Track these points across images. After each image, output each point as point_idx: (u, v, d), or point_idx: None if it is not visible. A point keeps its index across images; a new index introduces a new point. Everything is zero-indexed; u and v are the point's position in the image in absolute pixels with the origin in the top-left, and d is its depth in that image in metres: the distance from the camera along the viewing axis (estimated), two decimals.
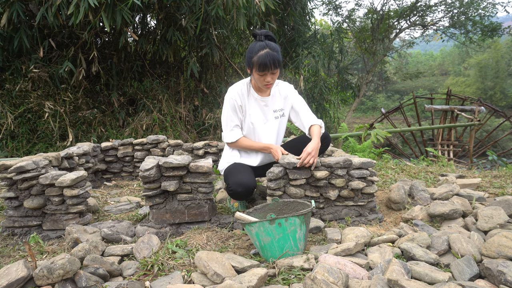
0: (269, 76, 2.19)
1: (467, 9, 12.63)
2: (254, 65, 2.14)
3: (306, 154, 2.09)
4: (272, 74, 2.19)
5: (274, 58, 2.12)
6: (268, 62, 2.11)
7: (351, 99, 12.43)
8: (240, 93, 2.31)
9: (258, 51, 2.13)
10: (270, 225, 1.63)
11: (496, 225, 1.86)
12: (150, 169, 2.00)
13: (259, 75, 2.18)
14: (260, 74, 2.17)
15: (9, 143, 4.94)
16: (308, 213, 1.71)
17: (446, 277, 1.39)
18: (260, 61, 2.11)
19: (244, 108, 2.34)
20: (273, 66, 2.13)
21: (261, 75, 2.18)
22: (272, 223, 1.64)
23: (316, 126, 2.31)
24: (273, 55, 2.12)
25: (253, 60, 2.14)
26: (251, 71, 2.21)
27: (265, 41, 2.17)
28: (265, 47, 2.13)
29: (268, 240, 1.65)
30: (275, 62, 2.13)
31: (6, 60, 5.12)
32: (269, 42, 2.17)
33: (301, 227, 1.68)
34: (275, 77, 2.23)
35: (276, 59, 2.14)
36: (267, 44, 2.15)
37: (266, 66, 2.12)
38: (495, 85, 25.05)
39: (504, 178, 3.18)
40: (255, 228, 1.66)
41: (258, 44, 2.15)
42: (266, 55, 2.11)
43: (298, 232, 1.67)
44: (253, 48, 2.17)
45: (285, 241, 1.65)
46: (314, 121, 2.35)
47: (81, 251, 1.64)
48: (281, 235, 1.64)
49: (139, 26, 6.27)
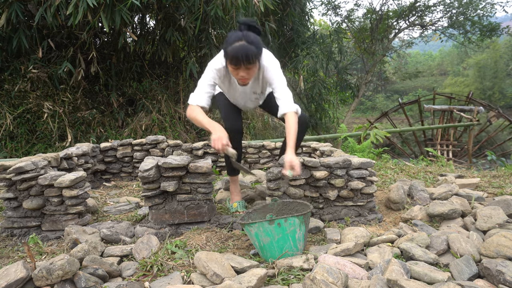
0: (244, 71, 1.98)
1: (466, 9, 12.64)
2: (227, 57, 1.95)
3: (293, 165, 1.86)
4: (246, 69, 1.98)
5: (248, 52, 1.89)
6: (240, 56, 1.89)
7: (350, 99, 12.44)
8: (221, 74, 2.15)
9: (233, 42, 1.93)
10: (270, 226, 1.63)
11: (495, 225, 1.86)
12: (149, 169, 2.00)
13: (232, 68, 1.99)
14: (233, 68, 1.98)
15: (8, 144, 4.93)
16: (307, 213, 1.71)
17: (445, 277, 1.39)
18: (232, 54, 1.91)
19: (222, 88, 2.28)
20: (245, 61, 1.91)
21: (234, 69, 1.99)
22: (272, 223, 1.63)
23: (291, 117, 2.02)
24: (247, 48, 1.89)
25: (227, 51, 1.94)
26: (225, 61, 2.01)
27: (244, 31, 1.96)
28: (242, 39, 1.92)
29: (268, 241, 1.65)
30: (249, 57, 1.90)
31: (5, 61, 5.11)
32: (248, 33, 1.95)
33: (301, 227, 1.68)
34: (251, 72, 2.01)
35: (251, 54, 1.90)
36: (245, 35, 1.94)
37: (237, 60, 1.91)
38: (494, 85, 25.08)
39: (503, 178, 3.18)
40: (254, 229, 1.66)
41: (235, 34, 1.96)
42: (239, 48, 1.89)
43: (297, 232, 1.67)
44: (229, 37, 1.97)
45: (284, 241, 1.65)
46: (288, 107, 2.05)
47: (80, 251, 1.64)
48: (280, 235, 1.64)
49: (138, 27, 6.27)
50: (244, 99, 2.33)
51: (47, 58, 5.32)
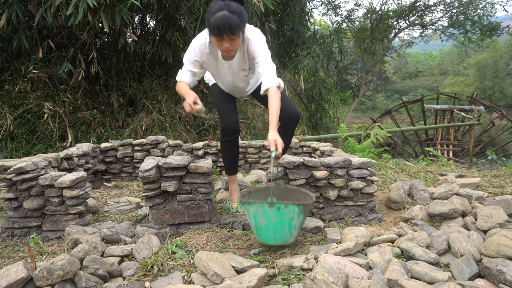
0: (227, 41, 1.94)
1: (466, 9, 12.63)
2: (210, 27, 1.93)
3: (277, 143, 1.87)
4: (230, 40, 1.93)
5: (230, 22, 1.86)
6: (222, 26, 1.86)
7: (350, 99, 12.44)
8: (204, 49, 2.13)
9: (215, 12, 1.90)
10: (269, 208, 1.67)
11: (496, 225, 1.86)
12: (150, 169, 2.00)
13: (215, 39, 1.95)
14: (216, 39, 1.94)
15: (9, 144, 4.93)
16: (308, 204, 1.73)
17: (446, 277, 1.39)
18: (214, 24, 1.88)
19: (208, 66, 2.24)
20: (228, 31, 1.88)
21: (217, 40, 1.95)
22: (272, 206, 1.67)
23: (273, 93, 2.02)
24: (229, 18, 1.87)
25: (210, 22, 1.92)
26: (208, 33, 2.01)
27: (226, 1, 1.92)
28: (223, 9, 1.89)
29: (265, 222, 1.68)
30: (231, 27, 1.87)
31: (5, 61, 5.11)
32: (230, 2, 1.92)
33: (299, 216, 1.70)
34: (235, 43, 1.98)
35: (233, 24, 1.87)
36: (227, 5, 1.90)
37: (219, 30, 1.88)
38: (494, 84, 25.06)
39: (503, 177, 3.18)
40: (253, 208, 1.68)
41: (217, 4, 1.92)
42: (221, 18, 1.87)
43: (295, 220, 1.70)
44: (212, 7, 1.95)
45: (281, 226, 1.68)
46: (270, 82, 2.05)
47: (81, 251, 1.64)
48: (278, 219, 1.67)
49: (138, 27, 6.27)
50: (233, 78, 2.29)
51: (47, 59, 5.32)
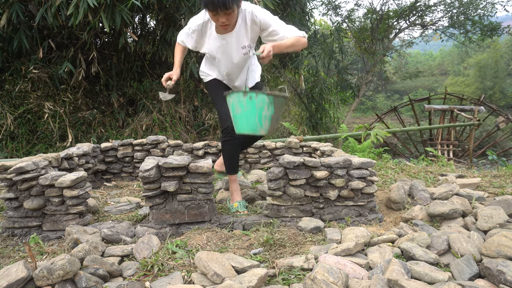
0: (223, 16, 2.00)
1: (467, 9, 12.62)
2: (204, 2, 1.97)
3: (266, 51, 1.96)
4: (225, 15, 1.99)
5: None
6: (216, 1, 1.91)
7: (350, 99, 12.44)
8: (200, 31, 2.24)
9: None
10: (243, 97, 1.86)
11: (496, 225, 1.86)
12: (150, 169, 2.01)
13: (211, 14, 2.01)
14: (212, 14, 2.00)
15: (9, 144, 4.94)
16: (279, 97, 1.91)
17: (446, 277, 1.39)
18: None
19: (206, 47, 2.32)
20: (222, 6, 1.92)
21: (213, 15, 2.01)
22: (245, 95, 1.86)
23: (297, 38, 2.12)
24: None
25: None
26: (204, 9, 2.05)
27: None
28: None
29: (239, 111, 1.89)
30: (225, 2, 1.91)
31: (5, 61, 5.12)
32: None
33: (269, 107, 1.87)
34: (231, 18, 2.03)
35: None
36: None
37: (214, 5, 1.93)
38: (494, 84, 25.04)
39: (503, 177, 3.18)
40: (232, 98, 1.91)
41: None
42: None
43: (264, 110, 1.86)
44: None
45: (251, 114, 1.87)
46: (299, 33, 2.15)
47: (81, 251, 1.64)
48: (250, 107, 1.86)
49: (138, 27, 6.27)
50: (231, 55, 2.30)
51: (47, 59, 5.32)
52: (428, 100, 11.20)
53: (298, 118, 9.60)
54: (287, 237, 1.92)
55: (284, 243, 1.85)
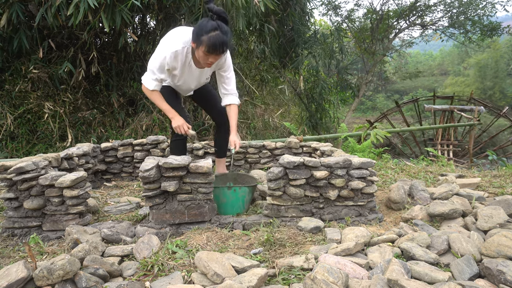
0: (214, 58, 2.21)
1: (467, 9, 12.62)
2: (203, 44, 2.12)
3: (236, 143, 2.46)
4: (217, 57, 2.21)
5: (224, 42, 2.12)
6: (218, 45, 2.10)
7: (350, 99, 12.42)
8: (179, 56, 2.30)
9: (209, 31, 2.10)
10: (228, 190, 2.27)
11: (496, 225, 1.86)
12: (150, 169, 2.01)
13: (205, 54, 2.17)
14: (206, 54, 2.16)
15: (9, 144, 4.93)
16: (255, 185, 2.43)
17: (446, 277, 1.39)
18: (210, 43, 2.10)
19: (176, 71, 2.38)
20: (221, 50, 2.14)
21: (206, 55, 2.17)
22: (229, 189, 2.28)
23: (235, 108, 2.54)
24: (223, 39, 2.11)
25: (203, 39, 2.11)
26: (197, 46, 2.18)
27: (217, 21, 2.12)
28: (217, 28, 2.10)
29: (225, 201, 2.29)
30: (223, 47, 2.13)
31: (5, 61, 5.11)
32: (221, 23, 2.12)
33: (249, 194, 2.35)
34: (219, 59, 2.29)
35: (225, 44, 2.14)
36: (219, 25, 2.11)
37: (215, 49, 2.12)
38: (495, 84, 25.04)
39: (503, 177, 3.18)
40: (217, 191, 2.26)
41: (210, 23, 2.11)
42: (217, 38, 2.09)
43: (246, 197, 2.33)
44: (205, 26, 2.12)
45: (236, 202, 2.30)
46: (236, 100, 2.56)
47: (81, 251, 1.64)
48: (234, 198, 2.29)
49: (138, 27, 6.27)
50: (194, 82, 2.56)
51: (47, 58, 5.32)
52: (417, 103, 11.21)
53: (298, 118, 9.59)
54: (287, 237, 1.92)
55: (284, 243, 1.85)
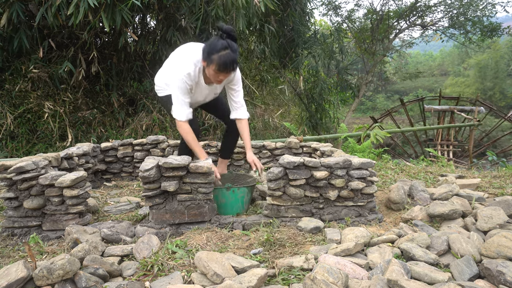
0: (224, 76, 2.27)
1: (467, 10, 12.62)
2: (214, 62, 2.19)
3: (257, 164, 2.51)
4: (228, 74, 2.27)
5: (233, 60, 2.19)
6: (228, 64, 2.18)
7: (350, 99, 12.42)
8: (192, 77, 2.35)
9: (220, 49, 2.17)
10: (227, 191, 2.27)
11: (496, 225, 1.86)
12: (150, 169, 2.00)
13: (215, 72, 2.23)
14: (217, 72, 2.23)
15: (9, 144, 4.93)
16: (254, 185, 2.43)
17: (446, 277, 1.39)
18: (221, 61, 2.17)
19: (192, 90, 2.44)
20: (231, 68, 2.21)
21: (217, 73, 2.23)
22: (228, 190, 2.28)
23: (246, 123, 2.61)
24: (233, 57, 2.18)
25: (213, 58, 2.18)
26: (207, 64, 2.24)
27: (226, 40, 2.19)
28: (227, 47, 2.17)
29: (224, 201, 2.29)
30: (234, 65, 2.21)
31: (5, 61, 5.11)
32: (230, 42, 2.19)
33: (248, 194, 2.35)
34: (229, 76, 2.33)
35: (235, 62, 2.22)
36: (229, 44, 2.18)
37: (226, 68, 2.19)
38: (495, 85, 25.03)
39: (503, 178, 3.18)
40: (216, 192, 2.26)
41: (220, 42, 2.18)
42: (227, 57, 2.16)
43: (245, 197, 2.34)
44: (215, 45, 2.19)
45: (235, 202, 2.30)
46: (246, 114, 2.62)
47: (81, 251, 1.64)
48: (233, 199, 2.29)
49: (138, 27, 6.27)
50: (204, 97, 2.60)
51: (47, 58, 5.32)
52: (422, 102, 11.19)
53: (298, 118, 9.59)
54: (287, 237, 1.92)
55: (284, 243, 1.85)
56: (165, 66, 2.59)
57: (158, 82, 2.62)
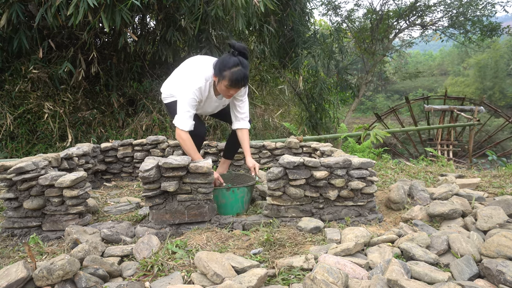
0: (235, 90, 2.34)
1: (466, 10, 12.62)
2: (225, 78, 2.26)
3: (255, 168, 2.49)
4: (238, 89, 2.34)
5: (245, 76, 2.27)
6: (240, 80, 2.25)
7: (350, 99, 12.42)
8: (203, 91, 2.40)
9: (232, 66, 2.24)
10: (227, 192, 2.28)
11: (496, 225, 1.86)
12: (150, 169, 2.01)
13: (227, 88, 2.30)
14: (228, 88, 2.30)
15: (9, 144, 4.93)
16: (253, 185, 2.43)
17: (446, 277, 1.39)
18: (233, 78, 2.24)
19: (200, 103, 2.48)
20: (242, 84, 2.29)
21: (228, 89, 2.31)
22: (228, 190, 2.28)
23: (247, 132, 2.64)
24: (245, 73, 2.26)
25: (225, 74, 2.26)
26: (219, 80, 2.31)
27: (238, 57, 2.26)
28: (239, 64, 2.25)
29: (224, 202, 2.29)
30: (244, 81, 2.29)
31: (5, 61, 5.11)
32: (242, 59, 2.27)
33: (247, 194, 2.36)
34: (239, 90, 2.40)
35: (246, 78, 2.29)
36: (241, 61, 2.26)
37: (238, 83, 2.27)
38: (494, 85, 25.04)
39: (503, 178, 3.18)
40: (216, 192, 2.26)
41: (232, 59, 2.25)
42: (239, 73, 2.24)
43: (245, 197, 2.34)
44: (227, 61, 2.26)
45: (235, 202, 2.31)
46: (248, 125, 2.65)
47: (81, 251, 1.64)
48: (233, 199, 2.30)
49: (138, 27, 6.27)
50: (213, 109, 2.67)
51: (47, 59, 5.32)
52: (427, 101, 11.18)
53: (298, 118, 9.59)
54: (287, 237, 1.92)
55: (284, 243, 1.85)
56: (173, 77, 2.61)
57: (165, 91, 2.63)
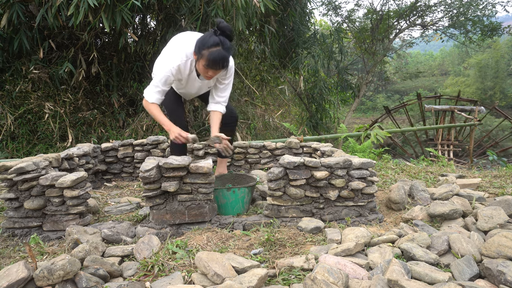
0: (214, 72, 2.23)
1: (467, 10, 12.61)
2: (203, 57, 2.15)
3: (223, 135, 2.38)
4: (217, 71, 2.23)
5: (224, 58, 2.14)
6: (219, 61, 2.14)
7: (351, 99, 12.41)
8: (182, 69, 2.33)
9: (211, 46, 2.12)
10: (227, 192, 2.27)
11: (496, 225, 1.86)
12: (150, 169, 2.01)
13: (204, 68, 2.20)
14: (206, 68, 2.19)
15: (9, 144, 4.94)
16: (254, 185, 2.40)
17: (446, 277, 1.39)
18: (211, 58, 2.13)
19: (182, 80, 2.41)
20: (221, 65, 2.17)
21: (206, 69, 2.20)
22: (229, 190, 2.27)
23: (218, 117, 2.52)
24: (224, 56, 2.14)
25: (203, 53, 2.14)
26: (198, 59, 2.21)
27: (220, 36, 2.14)
28: (219, 44, 2.12)
29: (224, 202, 2.29)
30: (224, 63, 2.17)
31: (6, 61, 5.12)
32: (224, 39, 2.14)
33: (248, 194, 2.35)
34: (219, 73, 2.30)
35: (226, 60, 2.16)
36: (222, 42, 2.13)
37: (215, 64, 2.15)
38: (495, 85, 25.03)
39: (504, 178, 3.18)
40: (216, 193, 2.26)
41: (212, 39, 2.13)
42: (218, 54, 2.12)
43: (245, 197, 2.33)
44: (207, 40, 2.15)
45: (236, 203, 2.30)
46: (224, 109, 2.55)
47: (81, 252, 1.64)
48: (234, 199, 2.29)
49: (139, 27, 6.27)
50: (197, 89, 2.57)
51: (48, 59, 5.32)
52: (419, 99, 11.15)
53: (299, 118, 9.59)
54: (287, 237, 1.92)
55: (284, 243, 1.85)
56: (161, 54, 2.59)
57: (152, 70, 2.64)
